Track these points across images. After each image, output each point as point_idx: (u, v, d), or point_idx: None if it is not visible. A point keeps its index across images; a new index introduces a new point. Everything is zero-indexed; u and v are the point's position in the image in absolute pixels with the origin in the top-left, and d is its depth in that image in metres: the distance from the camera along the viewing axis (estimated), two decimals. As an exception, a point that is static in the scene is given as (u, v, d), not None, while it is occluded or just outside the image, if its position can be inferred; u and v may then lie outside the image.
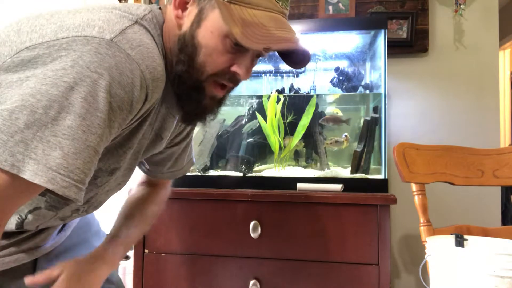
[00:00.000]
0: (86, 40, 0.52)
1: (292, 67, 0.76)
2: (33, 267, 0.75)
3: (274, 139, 1.43)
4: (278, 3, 0.63)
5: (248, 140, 1.54)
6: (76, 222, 0.89)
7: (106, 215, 1.09)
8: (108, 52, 0.52)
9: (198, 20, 0.63)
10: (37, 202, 0.66)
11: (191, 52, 0.63)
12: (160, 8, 0.68)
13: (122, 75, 0.53)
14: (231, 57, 0.64)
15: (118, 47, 0.53)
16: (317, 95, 1.52)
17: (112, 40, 0.53)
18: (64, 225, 0.83)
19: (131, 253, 1.70)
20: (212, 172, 1.50)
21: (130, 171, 0.78)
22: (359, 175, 1.36)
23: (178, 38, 0.65)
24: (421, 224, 1.09)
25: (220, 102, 0.72)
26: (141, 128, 0.67)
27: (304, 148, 1.55)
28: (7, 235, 0.68)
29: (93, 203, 0.75)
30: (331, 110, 1.52)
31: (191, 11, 0.63)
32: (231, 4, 0.60)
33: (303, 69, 1.63)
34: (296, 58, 0.72)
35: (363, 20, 1.60)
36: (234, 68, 0.64)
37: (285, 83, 1.64)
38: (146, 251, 1.29)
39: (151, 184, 0.98)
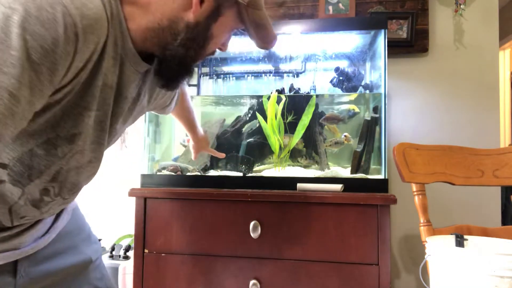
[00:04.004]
0: None
1: (261, 46, 0.79)
2: (13, 270, 0.72)
3: (274, 139, 1.43)
4: None
5: (248, 140, 1.54)
6: (63, 226, 0.85)
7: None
8: None
9: (215, 15, 0.68)
10: (0, 175, 0.62)
11: (201, 42, 0.68)
12: None
13: (41, 10, 0.48)
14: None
15: None
16: (317, 95, 1.52)
17: None
18: (49, 228, 0.80)
19: (131, 253, 1.70)
20: (212, 172, 1.50)
21: (99, 146, 0.72)
22: (359, 175, 1.36)
23: (187, 24, 0.66)
24: (421, 224, 1.09)
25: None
26: (93, 84, 0.62)
27: (304, 148, 1.55)
28: None
29: (62, 182, 0.70)
30: (347, 107, 1.51)
31: (208, 3, 0.67)
32: (248, 7, 0.68)
33: (303, 69, 1.64)
34: (265, 39, 0.78)
35: (363, 20, 1.60)
36: (223, 48, 0.76)
37: (285, 83, 1.64)
38: (146, 251, 1.29)
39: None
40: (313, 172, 1.41)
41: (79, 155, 0.69)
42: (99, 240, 1.01)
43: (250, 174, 1.44)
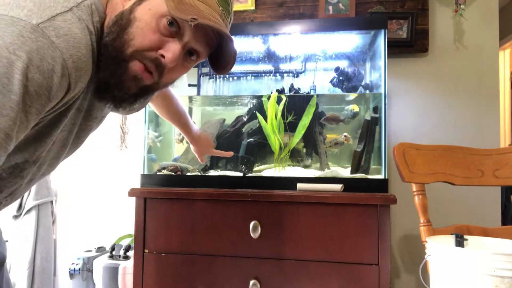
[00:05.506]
0: (12, 21, 0.51)
1: (217, 72, 0.78)
2: None
3: (274, 139, 1.43)
4: (219, 7, 0.68)
5: (248, 140, 1.54)
6: None
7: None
8: (31, 36, 0.51)
9: (141, 0, 0.66)
10: None
11: (124, 24, 0.64)
12: None
13: (43, 61, 0.52)
14: (161, 38, 0.65)
15: (42, 33, 0.53)
16: (317, 95, 1.52)
17: (38, 25, 0.52)
18: None
19: (131, 253, 1.70)
20: (212, 172, 1.50)
21: (57, 160, 0.75)
22: (359, 175, 1.36)
23: (117, 14, 0.65)
24: (421, 224, 1.09)
25: (141, 92, 0.69)
26: (65, 116, 0.66)
27: (304, 148, 1.55)
28: None
29: (15, 195, 0.73)
30: (350, 107, 1.51)
31: None
32: None
33: (303, 69, 1.64)
34: (221, 64, 0.76)
35: (363, 20, 1.60)
36: (161, 51, 0.65)
37: (285, 83, 1.64)
38: (146, 251, 1.29)
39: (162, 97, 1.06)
40: (313, 172, 1.41)
41: (37, 169, 0.71)
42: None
43: (250, 174, 1.44)
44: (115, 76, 0.65)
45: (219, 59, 0.76)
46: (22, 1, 0.53)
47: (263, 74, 1.67)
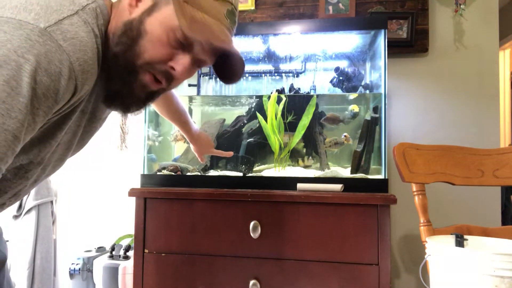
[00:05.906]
0: (20, 24, 0.52)
1: (224, 81, 0.81)
2: None
3: (274, 139, 1.43)
4: (227, 20, 0.70)
5: (248, 140, 1.54)
6: None
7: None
8: (39, 40, 0.52)
9: (150, 11, 0.66)
10: None
11: (135, 35, 0.65)
12: None
13: (50, 64, 0.53)
14: (171, 51, 0.66)
15: (50, 37, 0.53)
16: (317, 95, 1.52)
17: (45, 29, 0.53)
18: None
19: (131, 253, 1.70)
20: (212, 172, 1.50)
21: (61, 162, 0.77)
22: (359, 175, 1.36)
23: (125, 22, 0.66)
24: (421, 224, 1.09)
25: (149, 97, 0.71)
26: (69, 118, 0.67)
27: (304, 148, 1.55)
28: None
29: (19, 195, 0.74)
30: (351, 107, 1.51)
31: (146, 2, 0.66)
32: (185, 3, 0.64)
33: (303, 69, 1.64)
34: (229, 73, 0.78)
35: (363, 20, 1.60)
36: (171, 63, 0.67)
37: (285, 83, 1.64)
38: (146, 251, 1.29)
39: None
40: (313, 172, 1.41)
41: (41, 170, 0.72)
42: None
43: (250, 174, 1.44)
44: (127, 85, 0.67)
45: (225, 67, 0.77)
46: (29, 5, 0.54)
47: (263, 74, 1.67)
